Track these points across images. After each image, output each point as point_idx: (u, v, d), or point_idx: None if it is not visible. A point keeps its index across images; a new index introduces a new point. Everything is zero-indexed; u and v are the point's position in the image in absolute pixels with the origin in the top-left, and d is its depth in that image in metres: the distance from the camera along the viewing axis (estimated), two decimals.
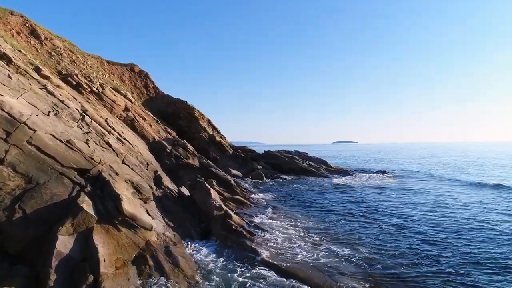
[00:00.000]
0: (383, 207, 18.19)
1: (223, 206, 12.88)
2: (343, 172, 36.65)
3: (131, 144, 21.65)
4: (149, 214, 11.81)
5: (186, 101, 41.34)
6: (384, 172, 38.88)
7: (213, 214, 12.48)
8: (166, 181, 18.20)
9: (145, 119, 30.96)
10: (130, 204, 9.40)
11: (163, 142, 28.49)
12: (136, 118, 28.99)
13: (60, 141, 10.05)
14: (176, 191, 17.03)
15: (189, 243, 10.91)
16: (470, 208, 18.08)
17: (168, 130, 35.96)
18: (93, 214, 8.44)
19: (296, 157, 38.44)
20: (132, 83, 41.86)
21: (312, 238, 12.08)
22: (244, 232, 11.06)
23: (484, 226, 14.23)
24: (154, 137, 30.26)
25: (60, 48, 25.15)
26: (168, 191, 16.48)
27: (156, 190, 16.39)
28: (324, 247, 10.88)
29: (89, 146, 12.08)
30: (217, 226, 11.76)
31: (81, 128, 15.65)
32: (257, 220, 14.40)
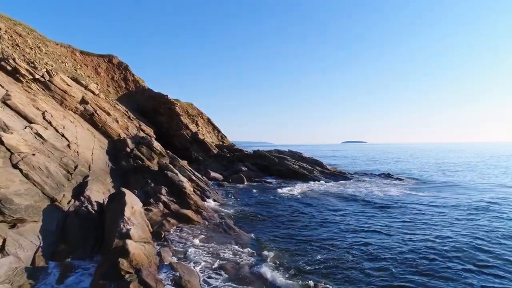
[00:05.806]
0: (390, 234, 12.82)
1: (131, 233, 8.76)
2: (340, 175, 31.99)
3: (69, 141, 17.77)
4: (3, 247, 7.85)
5: (167, 95, 37.43)
6: (388, 175, 34.15)
7: (112, 245, 8.38)
8: (94, 190, 14.18)
9: (109, 114, 27.11)
10: None
11: (127, 140, 24.57)
12: (97, 112, 25.16)
13: None
14: (100, 204, 13.00)
15: None
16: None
17: (142, 127, 32.07)
18: None
19: (288, 157, 34.02)
20: (109, 75, 38.20)
21: None
22: (136, 283, 6.90)
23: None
24: (119, 134, 26.44)
25: (0, 29, 21.50)
26: (86, 204, 12.46)
27: (70, 202, 12.44)
28: None
29: None
30: (103, 267, 7.65)
31: None
32: (186, 252, 10.24)
